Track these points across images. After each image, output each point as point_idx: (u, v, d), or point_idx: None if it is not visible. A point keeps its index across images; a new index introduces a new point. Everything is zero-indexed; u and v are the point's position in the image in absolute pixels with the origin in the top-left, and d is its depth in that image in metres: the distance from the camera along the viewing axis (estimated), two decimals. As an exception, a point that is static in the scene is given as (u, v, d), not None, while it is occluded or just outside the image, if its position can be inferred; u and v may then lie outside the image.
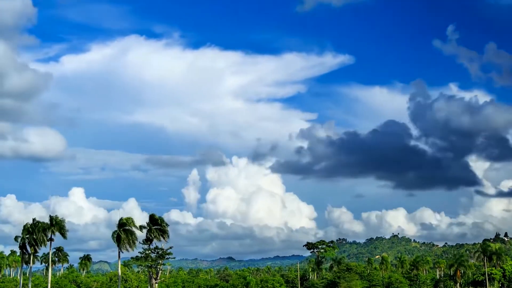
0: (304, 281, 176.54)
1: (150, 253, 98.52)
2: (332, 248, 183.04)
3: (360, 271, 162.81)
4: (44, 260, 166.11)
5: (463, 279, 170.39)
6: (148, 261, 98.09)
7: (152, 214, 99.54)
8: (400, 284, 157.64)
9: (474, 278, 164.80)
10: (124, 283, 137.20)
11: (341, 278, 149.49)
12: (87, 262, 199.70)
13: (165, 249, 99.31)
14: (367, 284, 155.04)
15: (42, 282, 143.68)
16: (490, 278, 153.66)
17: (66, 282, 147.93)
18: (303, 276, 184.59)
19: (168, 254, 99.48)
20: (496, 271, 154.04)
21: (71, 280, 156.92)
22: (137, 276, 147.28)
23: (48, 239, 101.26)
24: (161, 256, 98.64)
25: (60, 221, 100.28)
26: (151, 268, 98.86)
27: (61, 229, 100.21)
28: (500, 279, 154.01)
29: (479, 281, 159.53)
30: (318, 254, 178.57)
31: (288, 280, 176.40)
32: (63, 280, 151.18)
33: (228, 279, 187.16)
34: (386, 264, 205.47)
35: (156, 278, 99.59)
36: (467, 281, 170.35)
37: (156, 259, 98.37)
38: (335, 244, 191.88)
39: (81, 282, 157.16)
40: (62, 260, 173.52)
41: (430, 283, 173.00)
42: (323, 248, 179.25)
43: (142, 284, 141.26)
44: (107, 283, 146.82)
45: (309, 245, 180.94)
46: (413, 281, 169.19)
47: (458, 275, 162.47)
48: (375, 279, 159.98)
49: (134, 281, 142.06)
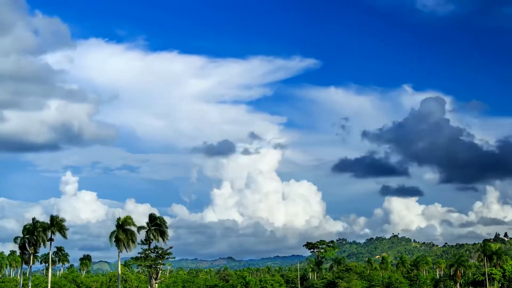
0: (304, 281, 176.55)
1: (150, 253, 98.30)
2: (332, 248, 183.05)
3: (360, 271, 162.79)
4: (44, 260, 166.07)
5: (463, 279, 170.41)
6: (148, 261, 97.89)
7: (151, 214, 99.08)
8: (400, 284, 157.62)
9: (474, 278, 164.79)
10: (124, 283, 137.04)
11: (341, 278, 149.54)
12: (87, 262, 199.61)
13: (165, 249, 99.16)
14: (367, 284, 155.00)
15: (42, 282, 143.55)
16: (490, 278, 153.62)
17: (66, 282, 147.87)
18: (303, 276, 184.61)
19: (168, 254, 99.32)
20: (496, 271, 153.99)
21: (71, 280, 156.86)
22: (137, 276, 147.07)
23: (48, 239, 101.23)
24: (160, 256, 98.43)
25: (60, 220, 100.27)
26: (151, 268, 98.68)
27: (61, 229, 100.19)
28: (500, 279, 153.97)
29: (479, 281, 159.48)
30: (318, 254, 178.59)
31: (288, 280, 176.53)
32: (63, 280, 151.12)
33: (228, 279, 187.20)
34: (386, 264, 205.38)
35: (156, 278, 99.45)
36: (467, 281, 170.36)
37: (156, 259, 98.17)
38: (335, 244, 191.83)
39: (81, 282, 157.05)
40: (62, 260, 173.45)
41: (430, 283, 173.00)
42: (323, 248, 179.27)
43: (142, 284, 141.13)
44: (107, 283, 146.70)
45: (309, 245, 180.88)
46: (413, 281, 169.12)
47: (458, 275, 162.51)
48: (375, 279, 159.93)
49: (134, 281, 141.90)
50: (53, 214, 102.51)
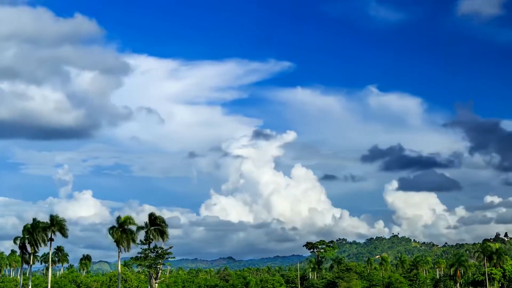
0: (304, 281, 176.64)
1: (150, 253, 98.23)
2: (332, 248, 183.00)
3: (360, 271, 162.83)
4: (44, 260, 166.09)
5: (463, 279, 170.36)
6: (147, 261, 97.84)
7: (151, 214, 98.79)
8: (400, 284, 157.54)
9: (474, 278, 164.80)
10: (124, 283, 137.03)
11: (341, 278, 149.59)
12: (87, 262, 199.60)
13: (165, 249, 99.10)
14: (367, 284, 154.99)
15: (42, 282, 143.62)
16: (490, 278, 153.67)
17: (66, 282, 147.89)
18: (303, 276, 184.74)
19: (168, 254, 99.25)
20: (496, 271, 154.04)
21: (71, 280, 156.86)
22: (137, 276, 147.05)
23: (48, 239, 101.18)
24: (160, 256, 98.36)
25: (60, 220, 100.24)
26: (151, 268, 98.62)
27: (61, 229, 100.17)
28: (500, 279, 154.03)
29: (479, 281, 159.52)
30: (318, 254, 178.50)
31: (288, 280, 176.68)
32: (63, 280, 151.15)
33: (228, 279, 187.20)
34: (386, 264, 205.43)
35: (156, 278, 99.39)
36: (467, 281, 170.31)
37: (156, 259, 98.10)
38: (335, 244, 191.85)
39: (81, 282, 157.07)
40: (62, 260, 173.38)
41: (430, 283, 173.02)
42: (323, 248, 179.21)
43: (142, 284, 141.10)
44: (107, 283, 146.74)
45: (309, 245, 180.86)
46: (413, 281, 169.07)
47: (458, 275, 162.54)
48: (375, 279, 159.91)
49: (134, 281, 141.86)
50: (52, 214, 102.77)
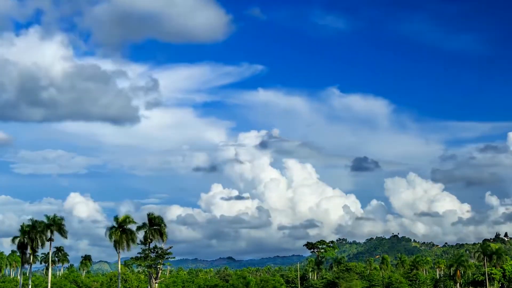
0: (304, 281, 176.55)
1: (150, 253, 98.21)
2: (332, 248, 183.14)
3: (360, 271, 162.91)
4: (44, 260, 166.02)
5: (463, 279, 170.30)
6: (147, 261, 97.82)
7: (150, 213, 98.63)
8: (400, 284, 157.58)
9: (474, 278, 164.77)
10: (124, 283, 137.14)
11: (341, 278, 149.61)
12: (87, 262, 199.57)
13: (165, 249, 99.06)
14: (367, 284, 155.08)
15: (42, 282, 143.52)
16: (490, 278, 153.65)
17: (66, 282, 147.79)
18: (303, 276, 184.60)
19: (168, 254, 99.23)
20: (496, 271, 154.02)
21: (71, 280, 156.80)
22: (137, 276, 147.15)
23: (48, 239, 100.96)
24: (160, 256, 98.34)
25: (59, 220, 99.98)
26: (151, 268, 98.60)
27: (60, 229, 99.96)
28: (500, 279, 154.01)
29: (479, 281, 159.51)
30: (318, 254, 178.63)
31: (288, 280, 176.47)
32: (63, 280, 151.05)
33: (228, 279, 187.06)
34: (386, 264, 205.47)
35: (156, 278, 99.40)
36: (467, 281, 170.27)
37: (156, 259, 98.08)
38: (335, 244, 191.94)
39: (81, 282, 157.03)
40: (62, 260, 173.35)
41: (430, 283, 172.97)
42: (323, 248, 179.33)
43: (142, 284, 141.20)
44: (107, 283, 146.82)
45: (309, 245, 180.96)
46: (413, 281, 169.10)
47: (458, 275, 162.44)
48: (375, 279, 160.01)
49: (134, 281, 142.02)
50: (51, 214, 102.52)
